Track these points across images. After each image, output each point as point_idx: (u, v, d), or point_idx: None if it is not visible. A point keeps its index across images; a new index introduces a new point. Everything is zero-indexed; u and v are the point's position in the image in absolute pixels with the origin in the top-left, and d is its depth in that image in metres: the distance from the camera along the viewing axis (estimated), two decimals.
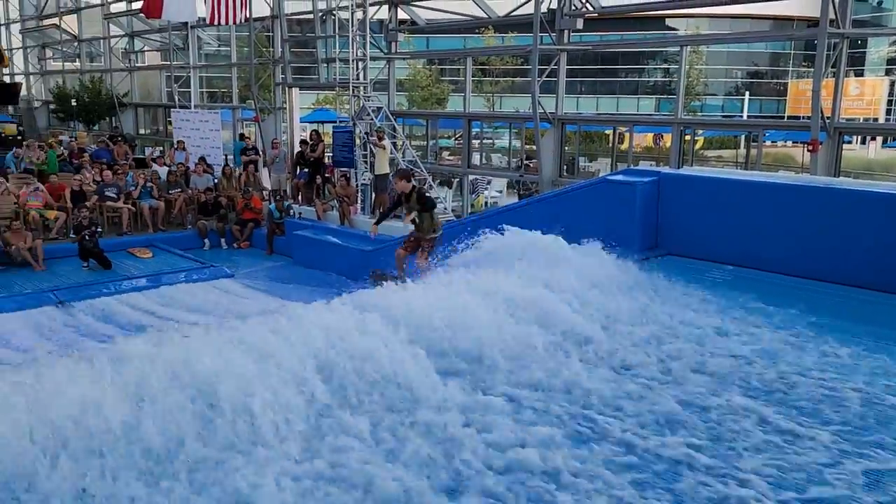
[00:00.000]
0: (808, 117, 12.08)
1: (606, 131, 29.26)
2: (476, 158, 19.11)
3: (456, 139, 30.12)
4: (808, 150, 11.86)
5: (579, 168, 17.63)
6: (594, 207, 9.08)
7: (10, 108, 28.72)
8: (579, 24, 14.56)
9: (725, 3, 15.77)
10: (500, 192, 25.07)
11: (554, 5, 14.34)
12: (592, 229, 8.28)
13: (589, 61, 44.17)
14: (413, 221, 8.24)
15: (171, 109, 22.14)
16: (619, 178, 9.26)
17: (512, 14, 16.24)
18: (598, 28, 33.19)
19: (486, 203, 23.17)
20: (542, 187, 15.10)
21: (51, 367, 4.19)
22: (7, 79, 32.12)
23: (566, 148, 15.86)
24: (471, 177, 19.00)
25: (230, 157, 19.69)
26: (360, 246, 12.01)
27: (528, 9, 14.84)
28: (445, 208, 16.41)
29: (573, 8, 14.30)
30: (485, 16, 16.87)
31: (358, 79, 15.80)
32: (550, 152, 15.24)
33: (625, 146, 20.01)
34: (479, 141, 19.32)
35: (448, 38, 37.14)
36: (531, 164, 18.71)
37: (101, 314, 9.91)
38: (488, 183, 23.52)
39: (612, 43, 34.64)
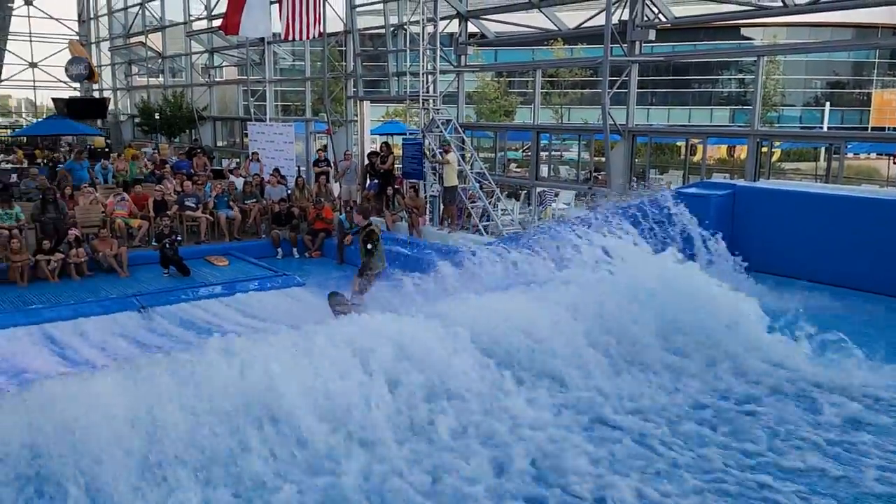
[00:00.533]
0: (895, 128, 11.55)
1: (678, 143, 28.71)
2: (544, 170, 19.05)
3: (524, 151, 30.09)
4: (895, 163, 11.35)
5: (650, 181, 17.35)
6: None
7: (99, 121, 30.21)
8: (651, 34, 14.37)
9: (805, 13, 15.28)
10: (568, 204, 24.84)
11: (625, 17, 14.20)
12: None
13: (660, 72, 43.44)
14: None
15: (248, 122, 22.91)
16: (693, 190, 9.10)
17: (582, 26, 16.17)
18: (669, 39, 32.60)
19: (553, 215, 23.01)
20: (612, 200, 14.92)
21: None
22: (96, 94, 33.93)
23: (636, 160, 15.65)
24: (539, 189, 18.94)
25: (303, 168, 20.23)
26: (428, 257, 12.13)
27: (599, 20, 14.74)
28: (513, 220, 16.41)
29: (645, 19, 14.13)
30: (555, 28, 16.85)
31: (428, 92, 16.02)
32: (620, 164, 15.06)
33: (697, 158, 19.59)
34: (547, 153, 19.25)
35: (516, 51, 37.17)
36: (600, 177, 18.52)
37: (180, 319, 10.29)
38: (556, 195, 23.36)
39: (686, 53, 34.00)
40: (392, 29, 18.03)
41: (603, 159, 19.40)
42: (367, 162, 16.48)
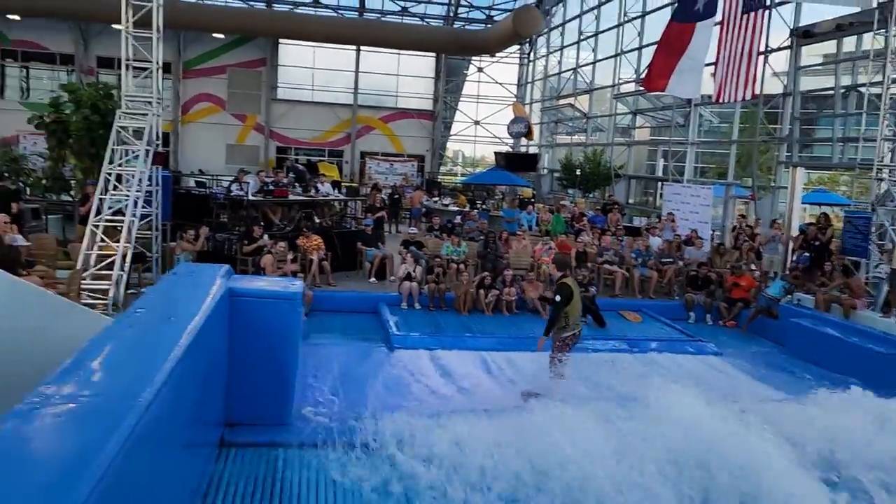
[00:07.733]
0: None
1: None
2: None
3: None
4: None
5: None
6: None
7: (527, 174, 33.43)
8: None
9: None
10: None
11: None
12: None
13: None
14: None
15: (664, 182, 23.01)
16: None
17: None
18: None
19: None
20: None
21: None
22: (524, 149, 37.69)
23: None
24: None
25: (717, 233, 19.55)
26: (872, 346, 10.62)
27: None
28: None
29: None
30: None
31: (882, 160, 14.17)
32: None
33: None
34: None
35: None
36: None
37: (594, 368, 10.62)
38: None
39: None
40: (843, 90, 16.48)
41: None
42: (798, 233, 15.20)
